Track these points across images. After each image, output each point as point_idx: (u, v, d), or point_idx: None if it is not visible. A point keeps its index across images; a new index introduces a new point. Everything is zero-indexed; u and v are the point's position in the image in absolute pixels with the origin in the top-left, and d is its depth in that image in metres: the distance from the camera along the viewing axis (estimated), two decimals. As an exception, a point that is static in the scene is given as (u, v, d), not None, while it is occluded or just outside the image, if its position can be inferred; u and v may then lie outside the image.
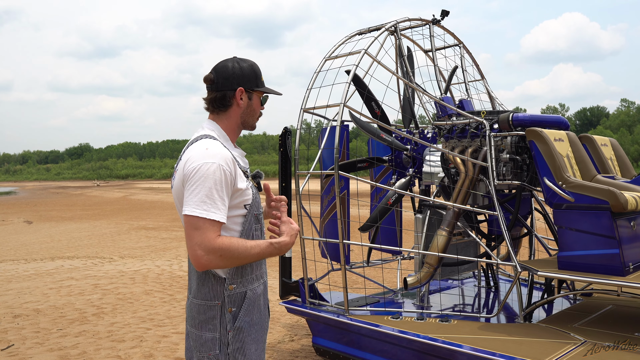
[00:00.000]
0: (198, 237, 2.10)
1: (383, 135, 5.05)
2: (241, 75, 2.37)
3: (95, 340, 5.88)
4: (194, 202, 2.11)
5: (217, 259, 2.12)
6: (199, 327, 2.26)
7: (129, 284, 8.75)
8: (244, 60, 2.42)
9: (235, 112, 2.39)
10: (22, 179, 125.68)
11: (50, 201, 37.98)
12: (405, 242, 7.19)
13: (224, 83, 2.34)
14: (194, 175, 2.13)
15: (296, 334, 5.98)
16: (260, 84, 2.44)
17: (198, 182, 2.12)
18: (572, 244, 4.07)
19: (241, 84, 2.36)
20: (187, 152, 2.25)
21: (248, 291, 2.30)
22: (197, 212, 2.10)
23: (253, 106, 2.42)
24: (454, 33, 5.85)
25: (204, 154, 2.17)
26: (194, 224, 2.10)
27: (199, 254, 2.10)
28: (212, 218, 2.11)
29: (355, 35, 5.23)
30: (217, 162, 2.15)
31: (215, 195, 2.13)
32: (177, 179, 2.24)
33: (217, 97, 2.36)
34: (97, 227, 18.42)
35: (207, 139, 2.26)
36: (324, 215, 5.41)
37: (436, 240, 4.60)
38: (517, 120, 4.47)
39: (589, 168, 4.46)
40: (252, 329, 2.30)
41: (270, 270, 9.81)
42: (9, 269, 10.34)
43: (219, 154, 2.18)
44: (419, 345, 4.06)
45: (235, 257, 2.16)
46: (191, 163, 2.16)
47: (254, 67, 2.42)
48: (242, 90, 2.36)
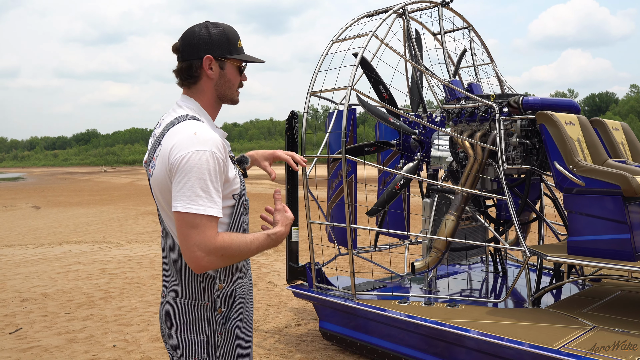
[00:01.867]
0: (196, 236, 1.83)
1: (391, 119, 5.00)
2: (209, 41, 2.03)
3: (102, 324, 5.90)
4: (187, 197, 1.83)
5: (219, 259, 1.88)
6: (182, 329, 2.01)
7: (136, 269, 8.77)
8: (216, 24, 2.07)
9: (207, 84, 2.06)
10: (30, 164, 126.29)
11: (58, 187, 38.15)
12: (413, 226, 7.17)
13: (190, 51, 2.02)
14: (184, 165, 1.84)
15: (303, 318, 5.98)
16: (235, 50, 2.07)
17: (190, 174, 1.83)
18: (582, 229, 4.03)
19: (209, 52, 2.02)
20: (169, 136, 1.92)
21: (238, 289, 2.07)
22: (192, 209, 1.82)
23: (227, 76, 2.07)
24: (463, 15, 5.77)
25: (193, 139, 1.86)
26: (190, 222, 1.83)
27: (199, 255, 1.84)
28: (209, 214, 1.84)
29: (363, 18, 5.16)
30: (209, 149, 1.86)
31: (210, 188, 1.85)
32: (160, 168, 1.93)
33: (184, 68, 2.04)
34: (104, 213, 18.48)
35: (191, 120, 1.96)
36: (331, 200, 5.38)
37: (444, 225, 4.57)
38: (527, 104, 4.42)
39: (600, 152, 4.41)
40: (242, 329, 2.08)
41: (277, 255, 9.83)
42: (17, 254, 10.39)
43: (210, 139, 1.88)
44: (426, 330, 4.04)
45: (237, 255, 1.93)
46: (179, 151, 1.85)
47: (226, 31, 2.06)
48: (211, 58, 2.02)
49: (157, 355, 4.94)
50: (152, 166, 1.99)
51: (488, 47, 6.01)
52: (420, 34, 5.61)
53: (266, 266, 8.88)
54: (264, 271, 8.48)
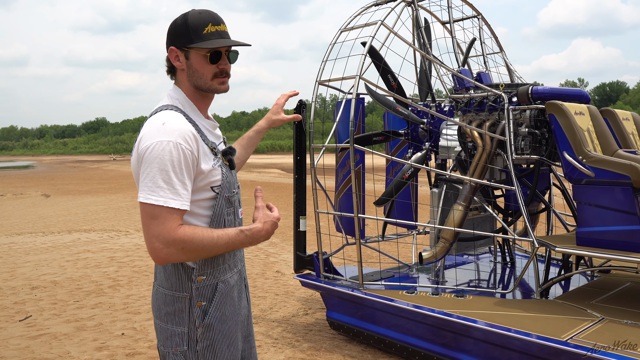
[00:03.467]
0: (155, 227, 1.80)
1: (399, 109, 4.98)
2: (173, 32, 1.99)
3: (111, 312, 5.94)
4: (148, 188, 1.81)
5: (179, 252, 1.82)
6: (166, 319, 2.00)
7: (144, 257, 8.81)
8: (189, 12, 2.01)
9: (182, 75, 2.03)
10: (40, 153, 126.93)
11: (68, 175, 38.34)
12: (421, 216, 7.15)
13: (165, 44, 2.03)
14: (147, 155, 1.82)
15: (310, 307, 5.99)
16: (197, 38, 1.96)
17: (153, 164, 1.80)
18: (591, 219, 4.00)
19: (172, 43, 1.99)
20: (144, 126, 1.92)
21: (219, 283, 2.01)
22: (152, 200, 1.79)
23: (194, 66, 1.99)
24: (472, 4, 5.72)
25: (159, 130, 1.84)
26: (150, 213, 1.80)
27: (157, 246, 1.80)
28: (170, 206, 1.80)
29: (372, 7, 5.13)
30: (173, 139, 1.82)
31: (173, 179, 1.81)
32: (134, 157, 1.92)
33: (166, 60, 2.06)
34: (113, 201, 18.56)
35: (166, 110, 1.94)
36: (339, 189, 5.37)
37: (452, 215, 4.55)
38: (536, 93, 4.38)
39: (610, 142, 4.36)
40: (223, 325, 2.03)
41: (285, 244, 9.84)
42: (27, 242, 10.47)
43: (177, 129, 1.84)
44: (433, 320, 4.04)
45: (200, 249, 1.86)
46: (145, 141, 1.84)
47: (189, 18, 1.97)
48: (173, 49, 1.99)
49: (165, 344, 4.98)
50: (132, 155, 1.98)
51: (497, 35, 5.96)
52: (429, 23, 5.57)
53: (274, 255, 8.89)
54: (271, 260, 8.50)
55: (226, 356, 2.04)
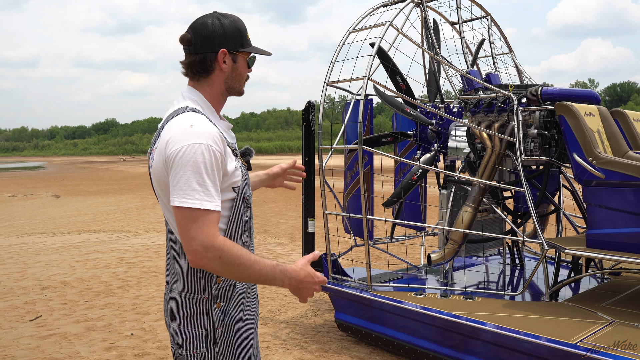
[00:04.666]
0: (194, 230, 1.80)
1: (408, 110, 4.96)
2: (223, 34, 1.99)
3: (120, 312, 5.96)
4: (183, 191, 1.81)
5: (215, 260, 1.82)
6: (182, 322, 2.00)
7: (153, 258, 8.85)
8: (225, 15, 2.03)
9: (219, 77, 2.03)
10: (50, 154, 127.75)
11: (78, 176, 38.56)
12: (430, 218, 7.13)
13: (202, 44, 1.98)
14: (179, 158, 1.81)
15: (319, 309, 5.99)
16: (246, 43, 2.05)
17: (186, 167, 1.81)
18: (601, 221, 3.98)
19: (224, 45, 1.99)
20: (167, 128, 1.91)
21: (237, 284, 2.02)
22: (188, 203, 1.80)
23: (239, 70, 2.05)
24: (481, 5, 5.70)
25: (188, 132, 1.84)
26: (188, 216, 1.81)
27: (196, 249, 1.81)
28: (205, 208, 1.81)
29: (380, 7, 5.12)
30: (204, 141, 1.82)
31: (207, 181, 1.82)
32: (157, 160, 1.92)
33: (197, 61, 2.00)
34: (122, 202, 18.64)
35: (189, 112, 1.93)
36: (347, 191, 5.36)
37: (461, 217, 4.54)
38: (546, 94, 4.35)
39: (620, 144, 4.34)
40: (242, 324, 2.04)
41: (294, 245, 9.84)
42: (37, 242, 10.54)
43: (206, 131, 1.85)
44: (442, 322, 4.02)
45: (236, 265, 1.85)
46: (175, 144, 1.83)
47: (237, 23, 2.03)
48: (225, 52, 2.00)
49: (173, 344, 4.99)
50: (151, 158, 1.98)
51: (506, 36, 5.93)
52: (438, 24, 5.55)
53: (282, 256, 8.90)
54: (280, 261, 8.49)
55: (245, 355, 2.05)
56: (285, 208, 15.27)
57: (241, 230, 2.04)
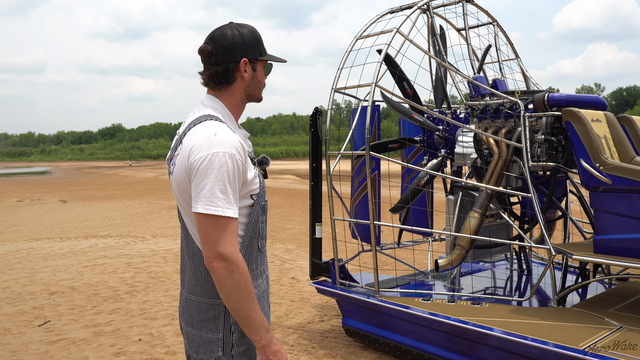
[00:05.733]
0: (217, 237, 1.87)
1: (415, 116, 4.99)
2: (243, 43, 2.05)
3: (128, 317, 5.99)
4: (206, 199, 1.86)
5: (226, 270, 1.87)
6: (199, 326, 2.04)
7: (160, 263, 8.88)
8: (242, 25, 2.10)
9: (239, 86, 2.09)
10: (57, 159, 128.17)
11: (84, 181, 38.69)
12: (436, 223, 7.14)
13: (224, 54, 2.03)
14: (203, 166, 1.87)
15: (326, 314, 6.00)
16: (264, 51, 2.13)
17: (210, 175, 1.86)
18: (608, 227, 3.98)
19: (244, 55, 2.06)
20: (190, 136, 1.96)
21: (254, 288, 2.05)
22: (211, 210, 1.86)
23: (258, 77, 2.13)
24: (487, 11, 5.72)
25: (212, 140, 1.89)
26: (211, 223, 1.87)
27: (216, 253, 1.87)
28: (227, 215, 1.87)
29: (387, 14, 5.15)
30: (228, 150, 1.88)
31: (228, 189, 1.88)
32: (179, 167, 1.97)
33: (219, 72, 2.05)
34: (129, 207, 18.70)
35: (212, 120, 1.98)
36: (354, 196, 5.38)
37: (468, 222, 4.55)
38: (552, 100, 4.37)
39: (627, 149, 4.34)
40: None
41: (300, 250, 9.86)
42: (45, 247, 10.59)
43: (229, 141, 1.90)
44: (449, 328, 4.03)
45: (240, 288, 1.89)
46: (198, 152, 1.88)
47: (255, 32, 2.10)
48: (247, 61, 2.06)
49: (181, 350, 5.00)
50: (172, 164, 2.03)
51: (512, 41, 5.95)
52: (445, 30, 5.57)
53: (289, 262, 8.91)
54: (287, 267, 8.52)
55: None
56: (291, 213, 15.29)
57: (258, 237, 2.09)
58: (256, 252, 2.10)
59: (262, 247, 2.12)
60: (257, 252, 2.11)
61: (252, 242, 2.07)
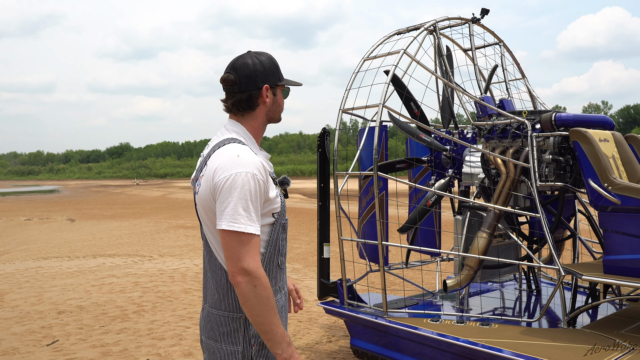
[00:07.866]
0: (241, 252, 1.97)
1: (422, 136, 5.00)
2: (263, 71, 2.19)
3: (136, 337, 5.98)
4: (230, 216, 1.97)
5: (249, 285, 1.97)
6: (220, 339, 2.13)
7: (168, 282, 8.87)
8: (260, 53, 2.24)
9: (262, 110, 2.23)
10: (65, 177, 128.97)
11: (92, 199, 38.84)
12: (444, 243, 7.12)
13: (247, 83, 2.16)
14: (228, 186, 1.98)
15: (334, 335, 5.97)
16: (282, 76, 2.28)
17: (233, 194, 1.97)
18: (618, 247, 3.96)
19: (265, 81, 2.19)
20: (215, 158, 2.08)
21: None
22: (235, 227, 1.96)
23: (278, 102, 2.26)
24: (493, 31, 5.76)
25: (235, 161, 2.01)
26: (235, 239, 1.97)
27: (240, 268, 1.97)
28: (249, 232, 1.97)
29: (394, 35, 5.19)
30: (250, 170, 2.00)
31: (250, 207, 1.99)
32: (204, 187, 2.08)
33: (243, 99, 2.18)
34: (137, 226, 18.75)
35: (235, 143, 2.10)
36: (362, 216, 5.38)
37: (476, 242, 4.53)
38: (560, 120, 4.38)
39: (635, 169, 4.33)
40: None
41: (308, 270, 9.83)
42: (53, 266, 10.61)
43: (251, 162, 2.03)
44: (458, 349, 4.00)
45: (263, 299, 1.98)
46: (222, 172, 2.00)
47: (272, 59, 2.25)
48: (268, 87, 2.20)
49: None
50: (198, 184, 2.14)
51: (518, 60, 5.98)
52: (451, 51, 5.61)
53: (297, 282, 8.89)
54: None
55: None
56: (298, 233, 15.28)
57: (278, 254, 2.18)
58: (276, 268, 2.19)
59: (281, 264, 2.22)
60: (277, 268, 2.20)
61: (273, 259, 2.16)
